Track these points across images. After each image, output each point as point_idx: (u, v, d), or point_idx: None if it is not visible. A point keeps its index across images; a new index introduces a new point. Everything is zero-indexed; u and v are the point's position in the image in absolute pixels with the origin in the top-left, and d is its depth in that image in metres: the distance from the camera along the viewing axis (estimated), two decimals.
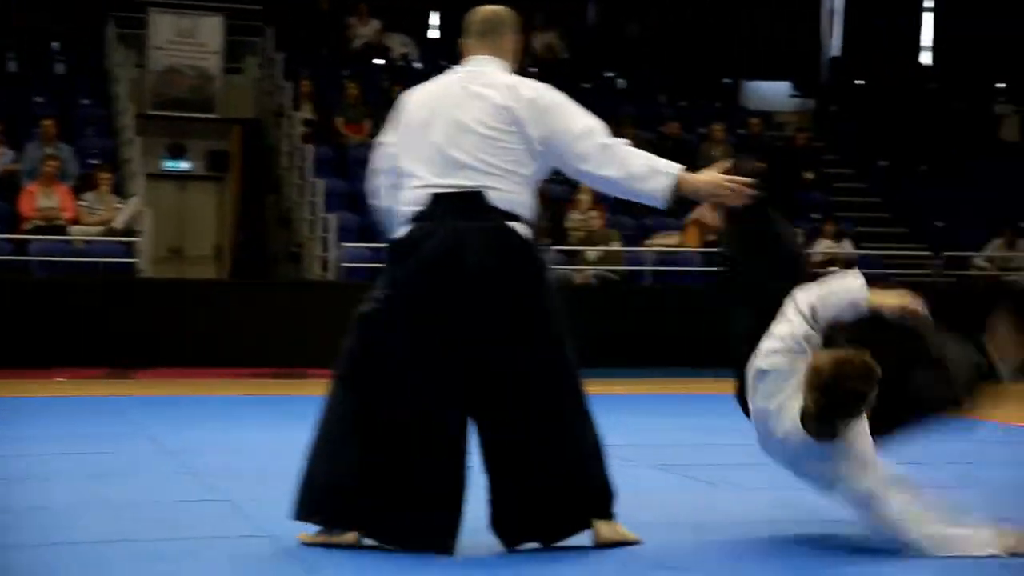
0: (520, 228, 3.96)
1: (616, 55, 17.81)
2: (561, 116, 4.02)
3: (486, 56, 4.20)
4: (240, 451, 6.34)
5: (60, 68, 16.01)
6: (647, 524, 4.41)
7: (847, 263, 13.90)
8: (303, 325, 11.96)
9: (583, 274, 13.09)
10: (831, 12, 19.60)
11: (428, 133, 4.01)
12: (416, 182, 3.99)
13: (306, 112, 15.08)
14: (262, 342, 11.82)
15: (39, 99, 14.88)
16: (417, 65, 17.34)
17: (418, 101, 4.15)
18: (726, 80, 18.44)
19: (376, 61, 16.96)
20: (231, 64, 16.53)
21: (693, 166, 10.51)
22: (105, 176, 12.60)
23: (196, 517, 4.57)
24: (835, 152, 17.18)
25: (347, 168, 14.67)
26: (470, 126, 3.97)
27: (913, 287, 4.73)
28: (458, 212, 3.90)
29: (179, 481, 5.36)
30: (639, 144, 4.27)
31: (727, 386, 4.44)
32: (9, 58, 15.79)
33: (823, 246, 13.89)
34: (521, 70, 4.40)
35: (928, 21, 20.16)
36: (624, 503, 4.71)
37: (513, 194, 3.96)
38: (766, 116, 17.09)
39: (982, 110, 18.67)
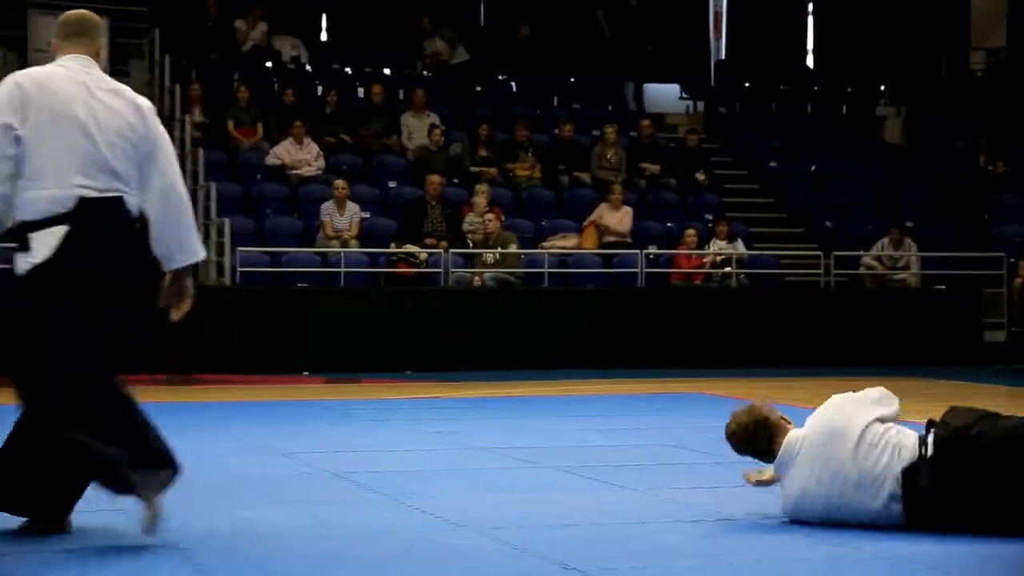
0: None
1: (509, 58, 17.87)
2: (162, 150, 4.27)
3: (84, 57, 4.31)
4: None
5: None
6: (548, 526, 4.42)
7: (740, 263, 14.15)
8: (199, 330, 11.77)
9: (481, 277, 13.10)
10: (717, 15, 19.90)
11: (67, 134, 4.11)
12: (76, 180, 4.09)
13: (196, 116, 14.86)
14: (157, 347, 11.58)
15: None
16: (308, 68, 17.22)
17: (46, 94, 4.16)
18: (617, 83, 18.61)
19: (266, 64, 16.79)
20: (116, 67, 16.19)
21: (587, 167, 10.62)
22: None
23: (96, 528, 4.46)
24: (727, 154, 17.46)
25: (240, 171, 14.50)
26: (113, 134, 4.17)
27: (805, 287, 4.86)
28: (105, 217, 4.10)
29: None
30: (534, 147, 4.33)
31: (625, 386, 4.48)
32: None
33: (716, 247, 14.10)
34: (412, 74, 4.55)
35: (811, 24, 20.59)
36: (527, 504, 4.73)
37: (134, 197, 4.21)
38: (657, 118, 17.30)
39: (865, 112, 19.13)
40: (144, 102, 4.31)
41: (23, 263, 4.07)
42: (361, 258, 13.18)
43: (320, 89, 16.27)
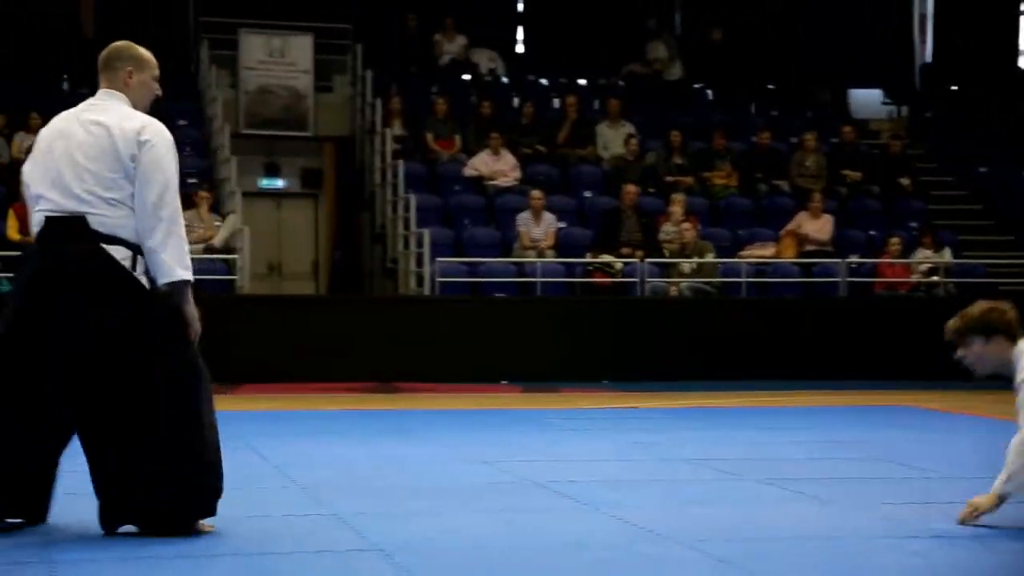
0: (115, 250, 4.35)
1: (703, 63, 17.68)
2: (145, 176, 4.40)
3: (106, 90, 4.57)
4: (342, 465, 6.36)
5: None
6: (753, 539, 4.32)
7: (948, 272, 13.63)
8: (399, 339, 12.02)
9: (677, 286, 12.98)
10: (922, 17, 19.27)
11: (47, 160, 4.45)
12: (40, 205, 4.44)
13: (396, 129, 15.19)
14: (358, 356, 11.89)
15: None
16: (504, 80, 17.40)
17: (46, 132, 4.55)
18: (818, 88, 18.21)
19: (464, 77, 17.04)
20: (321, 83, 16.71)
21: (786, 175, 10.35)
22: (204, 195, 12.80)
23: (303, 531, 4.58)
24: (932, 160, 16.88)
25: (438, 183, 14.73)
26: (76, 157, 4.38)
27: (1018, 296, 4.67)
28: (63, 235, 4.36)
29: (286, 495, 5.39)
30: (731, 155, 4.26)
31: (829, 398, 4.35)
32: None
33: (922, 255, 13.63)
34: (609, 83, 4.60)
35: (1023, 24, 19.73)
36: (731, 516, 4.63)
37: (113, 219, 4.36)
38: (860, 124, 16.83)
39: None
40: (141, 134, 4.42)
41: None
42: (557, 268, 13.22)
43: (516, 101, 16.41)
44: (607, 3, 18.36)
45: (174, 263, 4.43)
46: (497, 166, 14.54)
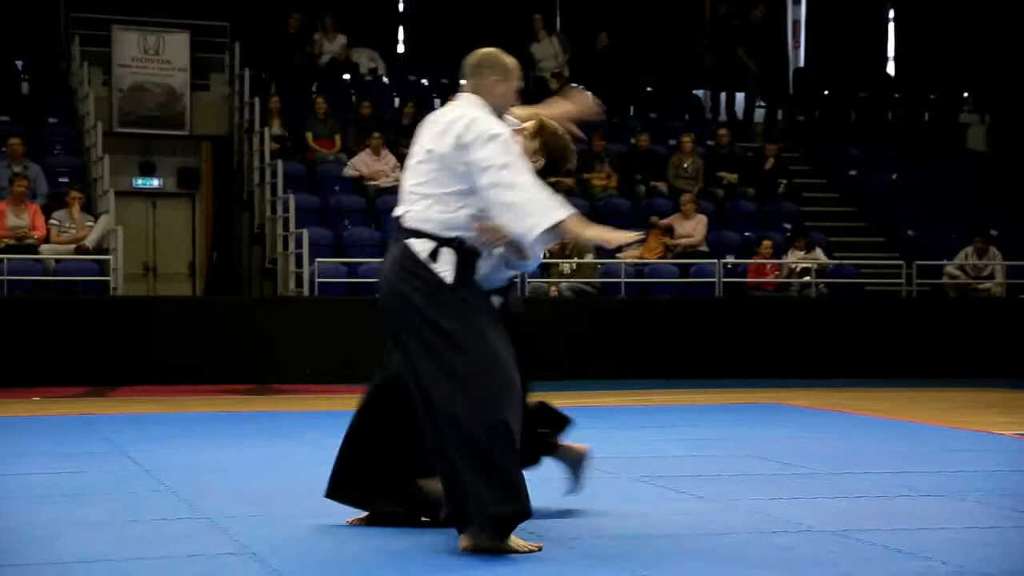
0: (415, 244, 4.32)
1: (586, 66, 17.84)
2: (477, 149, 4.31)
3: (467, 94, 4.54)
4: (216, 469, 6.28)
5: (25, 87, 15.90)
6: (627, 537, 4.38)
7: (821, 273, 13.97)
8: (279, 341, 11.92)
9: (557, 287, 13.08)
10: (795, 23, 19.71)
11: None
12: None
13: (275, 128, 15.03)
14: (237, 358, 11.77)
15: (5, 118, 14.80)
16: (385, 80, 17.34)
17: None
18: (694, 92, 18.52)
19: (344, 76, 16.93)
20: (198, 81, 16.47)
21: (664, 177, 10.54)
22: (75, 194, 12.53)
23: (174, 536, 4.52)
24: (805, 163, 17.27)
25: (318, 183, 14.63)
26: (414, 156, 4.48)
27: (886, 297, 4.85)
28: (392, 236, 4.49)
29: (156, 500, 5.31)
30: (611, 156, 4.34)
31: (702, 397, 4.43)
32: None
33: (795, 256, 13.94)
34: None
35: (892, 31, 20.32)
36: (607, 514, 4.68)
37: (421, 212, 4.36)
38: (734, 127, 17.15)
39: (948, 119, 18.81)
40: (458, 121, 4.35)
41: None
42: None
43: (397, 101, 16.37)
44: (488, 3, 18.42)
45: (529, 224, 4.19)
46: (377, 166, 14.49)
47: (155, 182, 16.68)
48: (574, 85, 17.51)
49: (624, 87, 17.69)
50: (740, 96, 18.58)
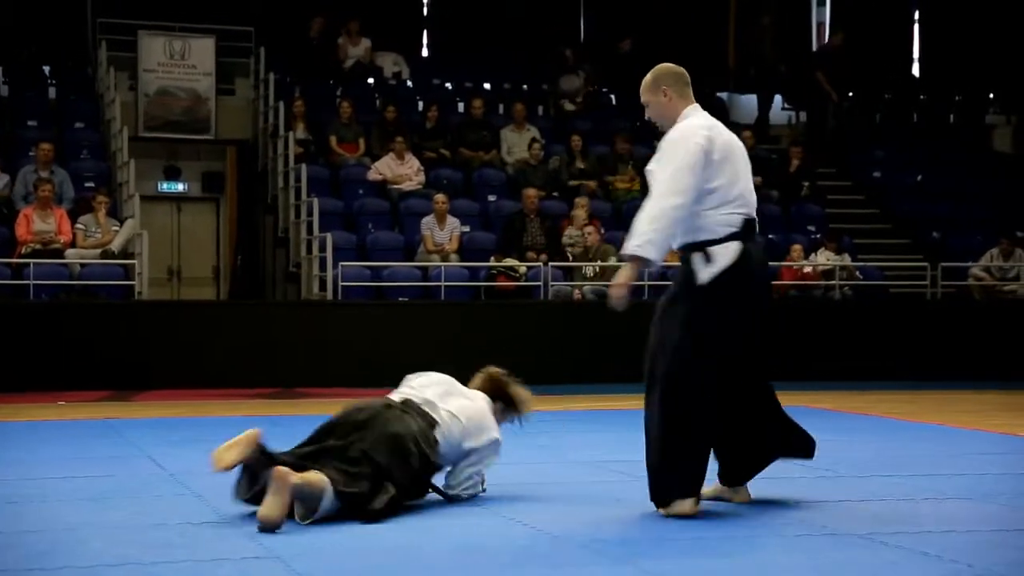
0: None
1: (609, 70, 17.83)
2: None
3: (695, 105, 5.28)
4: (239, 471, 6.28)
5: (52, 92, 16.01)
6: (642, 540, 4.36)
7: (847, 275, 13.91)
8: (302, 344, 11.94)
9: (580, 290, 13.07)
10: (820, 25, 19.64)
11: (736, 168, 5.19)
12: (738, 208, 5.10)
13: (299, 132, 15.08)
14: (261, 362, 11.80)
15: (32, 123, 14.89)
16: (408, 83, 17.37)
17: (720, 140, 5.18)
18: (718, 94, 18.47)
19: (368, 80, 16.97)
20: (223, 85, 16.54)
21: None
22: (101, 199, 12.59)
23: (200, 539, 4.53)
24: (830, 165, 17.20)
25: (341, 187, 14.66)
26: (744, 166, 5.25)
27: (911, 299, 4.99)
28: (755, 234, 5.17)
29: (182, 503, 5.33)
30: (634, 160, 4.47)
31: None
32: (1, 83, 15.79)
33: (823, 258, 13.89)
34: (522, 88, 4.88)
35: (917, 32, 20.22)
36: (630, 515, 4.66)
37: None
38: (758, 129, 17.10)
39: (974, 120, 18.70)
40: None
41: (706, 273, 4.97)
42: (461, 272, 13.24)
43: (421, 104, 16.40)
44: (512, 8, 18.43)
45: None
46: (401, 170, 14.51)
47: (180, 186, 16.75)
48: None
49: None
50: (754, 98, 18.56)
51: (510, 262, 13.17)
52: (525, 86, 17.68)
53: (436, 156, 15.06)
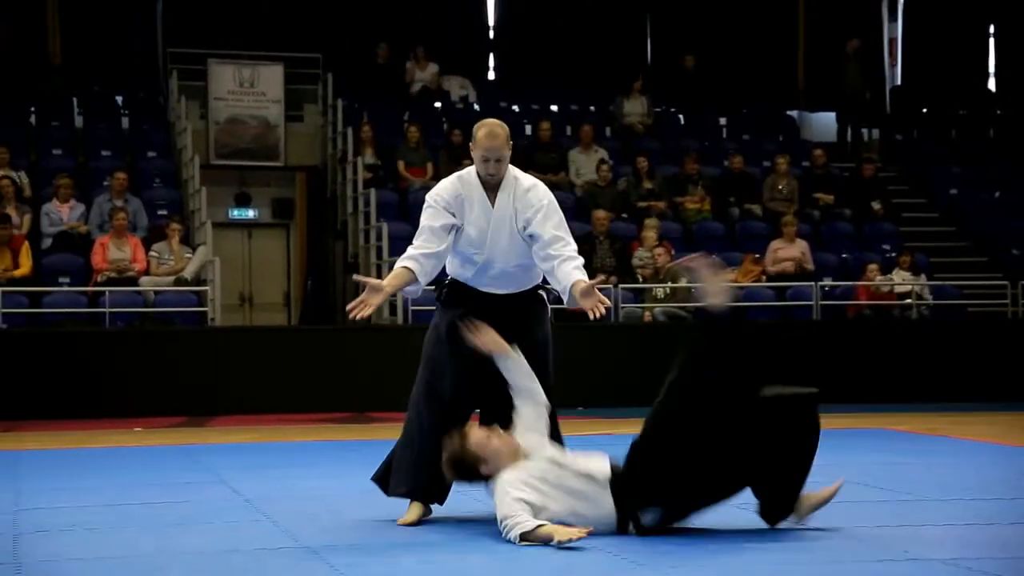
0: None
1: (674, 89, 17.81)
2: None
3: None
4: (315, 498, 6.34)
5: (125, 122, 16.29)
6: (728, 564, 4.33)
7: (923, 294, 13.72)
8: (373, 369, 12.01)
9: (651, 311, 13.03)
10: (892, 41, 19.46)
11: None
12: None
13: (368, 157, 15.21)
14: (333, 387, 11.88)
15: (106, 153, 15.16)
16: (476, 107, 17.46)
17: None
18: (788, 112, 18.37)
19: (435, 104, 17.09)
20: (292, 112, 16.74)
21: (759, 199, 10.08)
22: (174, 227, 12.79)
23: (276, 566, 4.57)
24: (904, 182, 17.01)
25: (410, 211, 14.75)
26: None
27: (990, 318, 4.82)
28: None
29: (257, 529, 5.38)
30: (704, 179, 4.42)
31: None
32: (76, 113, 16.11)
33: (899, 278, 13.73)
34: (589, 110, 5.09)
35: (993, 46, 19.95)
36: (714, 538, 4.63)
37: None
38: (830, 147, 16.97)
39: None
40: None
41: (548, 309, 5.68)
42: None
43: None
44: (578, 29, 18.48)
45: None
46: None
47: (251, 213, 16.97)
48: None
49: (716, 108, 17.62)
50: (830, 115, 18.42)
51: None
52: (592, 107, 17.70)
53: None
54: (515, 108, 17.73)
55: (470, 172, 5.53)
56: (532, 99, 17.73)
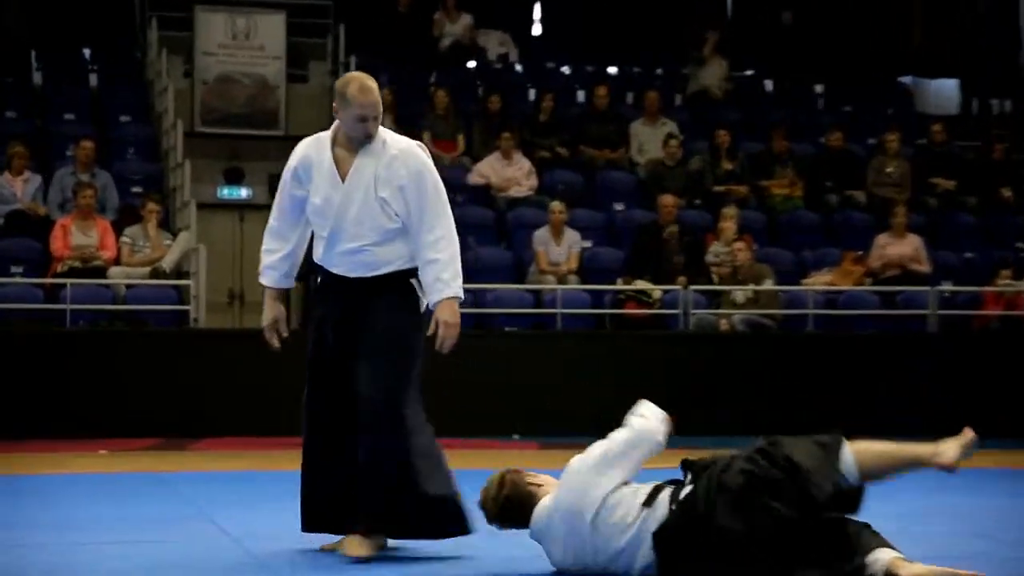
0: None
1: (761, 49, 17.74)
2: None
3: None
4: (317, 538, 6.32)
5: (93, 79, 16.37)
6: None
7: None
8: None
9: (728, 319, 12.97)
10: None
11: None
12: None
13: (387, 126, 15.18)
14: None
15: (69, 116, 15.25)
16: (517, 68, 17.46)
17: None
18: (900, 79, 18.26)
19: (468, 64, 17.09)
20: (295, 71, 16.77)
21: (862, 184, 9.83)
22: (152, 207, 12.83)
23: None
24: None
25: None
26: None
27: None
28: None
29: (248, 573, 5.36)
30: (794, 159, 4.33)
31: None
32: (34, 68, 16.20)
33: None
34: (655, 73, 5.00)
35: None
36: None
37: None
38: (951, 121, 16.83)
39: None
40: None
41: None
42: (582, 296, 13.21)
43: (532, 93, 16.45)
44: None
45: None
46: (509, 172, 14.56)
47: (243, 192, 16.99)
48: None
49: (812, 74, 17.52)
50: (951, 83, 18.29)
51: (642, 285, 13.12)
52: (659, 70, 17.65)
53: (551, 156, 15.08)
54: (564, 70, 17.71)
55: (328, 132, 5.78)
56: (586, 59, 17.70)
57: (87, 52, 16.73)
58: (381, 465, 5.52)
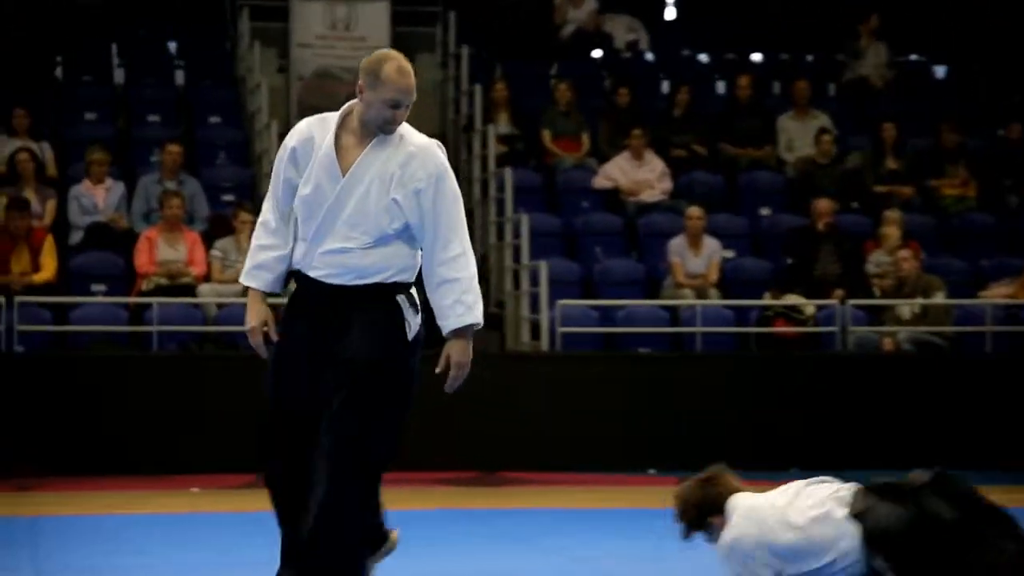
0: None
1: (926, 31, 17.55)
2: None
3: None
4: None
5: (179, 76, 16.59)
6: None
7: None
8: (507, 414, 12.02)
9: (894, 337, 12.87)
10: None
11: None
12: None
13: (502, 125, 15.29)
14: (454, 436, 11.91)
15: (154, 118, 15.46)
16: (648, 57, 17.44)
17: None
18: None
19: (594, 54, 17.11)
20: None
21: None
22: (245, 217, 12.95)
23: None
24: None
25: (559, 198, 14.80)
26: None
27: None
28: None
29: None
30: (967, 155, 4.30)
31: None
32: (116, 66, 16.46)
33: None
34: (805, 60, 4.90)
35: None
36: None
37: None
38: None
39: None
40: None
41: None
42: (724, 313, 13.17)
43: (666, 85, 16.43)
44: None
45: None
46: (640, 174, 14.56)
47: None
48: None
49: (986, 59, 17.29)
50: None
51: (793, 300, 13.05)
52: (809, 56, 17.54)
53: (687, 155, 15.06)
54: (702, 58, 17.67)
55: (336, 113, 5.58)
56: (725, 46, 17.63)
57: (173, 46, 16.94)
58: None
